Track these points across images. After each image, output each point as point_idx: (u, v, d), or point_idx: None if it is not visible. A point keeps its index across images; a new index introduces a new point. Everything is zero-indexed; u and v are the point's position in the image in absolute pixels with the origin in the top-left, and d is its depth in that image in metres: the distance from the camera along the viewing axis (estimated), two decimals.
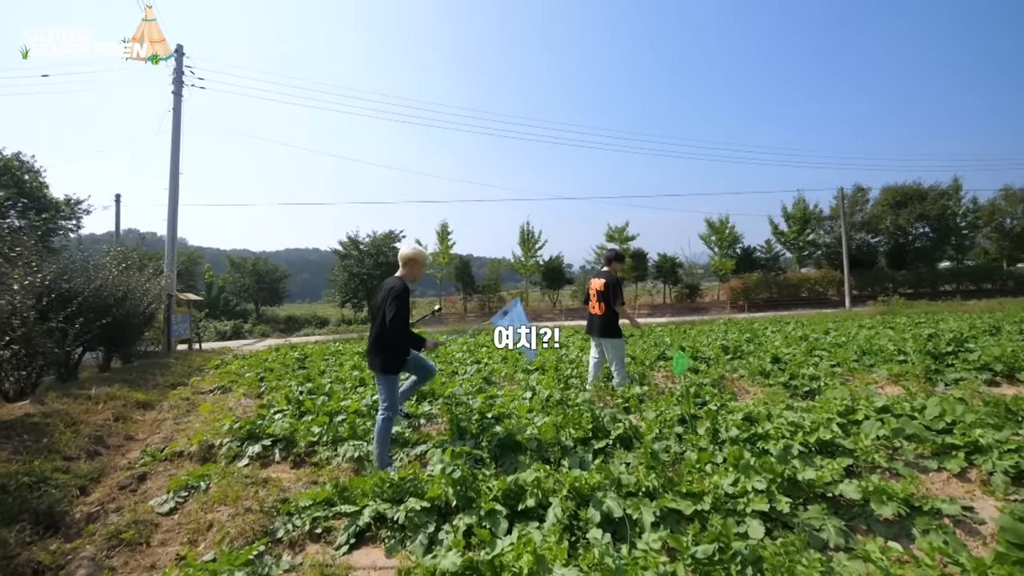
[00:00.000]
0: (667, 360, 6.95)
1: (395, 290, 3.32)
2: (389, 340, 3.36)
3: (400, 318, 3.27)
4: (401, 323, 3.29)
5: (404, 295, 3.33)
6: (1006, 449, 2.97)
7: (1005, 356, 5.81)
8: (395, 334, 3.30)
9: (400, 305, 3.28)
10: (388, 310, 3.26)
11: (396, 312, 3.25)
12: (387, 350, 3.41)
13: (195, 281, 25.99)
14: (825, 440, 3.18)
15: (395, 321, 3.25)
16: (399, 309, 3.27)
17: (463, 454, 2.99)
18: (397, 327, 3.27)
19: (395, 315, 3.24)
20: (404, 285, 3.40)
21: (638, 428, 3.62)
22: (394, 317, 3.24)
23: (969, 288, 27.38)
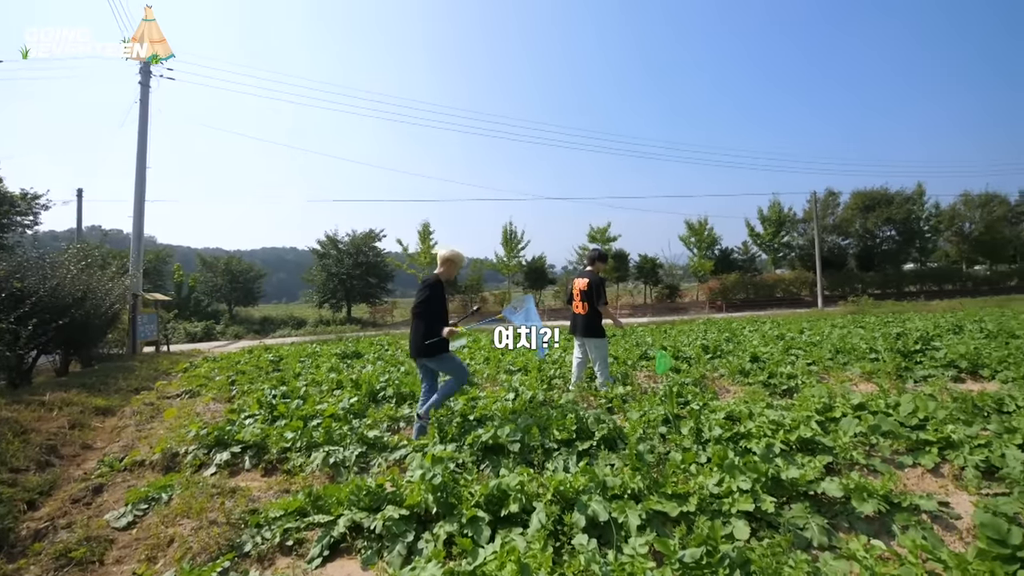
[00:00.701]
0: (649, 360, 6.97)
1: (428, 281, 3.82)
2: (427, 328, 3.74)
3: (427, 303, 3.72)
4: (430, 308, 3.74)
5: (435, 287, 3.78)
6: (976, 444, 3.03)
7: (969, 354, 6.01)
8: (427, 318, 3.73)
9: (428, 295, 3.73)
10: (419, 296, 3.76)
11: (424, 298, 3.72)
12: (427, 338, 3.75)
13: (164, 281, 25.02)
14: (805, 438, 3.20)
15: (423, 304, 3.72)
16: (428, 296, 3.73)
17: (444, 458, 2.89)
18: (425, 311, 3.73)
19: (424, 300, 3.72)
20: (437, 279, 3.86)
21: (622, 429, 3.58)
22: (422, 301, 3.72)
23: (932, 289, 28.51)
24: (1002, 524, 1.71)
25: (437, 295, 3.80)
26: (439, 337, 3.73)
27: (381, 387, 5.45)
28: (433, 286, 3.78)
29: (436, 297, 3.78)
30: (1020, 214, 32.00)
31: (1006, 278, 30.35)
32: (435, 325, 3.74)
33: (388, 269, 26.81)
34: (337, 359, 8.61)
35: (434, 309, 3.77)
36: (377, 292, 26.34)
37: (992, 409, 4.13)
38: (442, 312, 3.85)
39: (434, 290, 3.77)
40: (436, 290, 3.79)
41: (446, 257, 3.93)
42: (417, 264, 26.45)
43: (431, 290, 3.75)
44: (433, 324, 3.74)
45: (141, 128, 14.06)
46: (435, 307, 3.78)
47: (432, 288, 3.76)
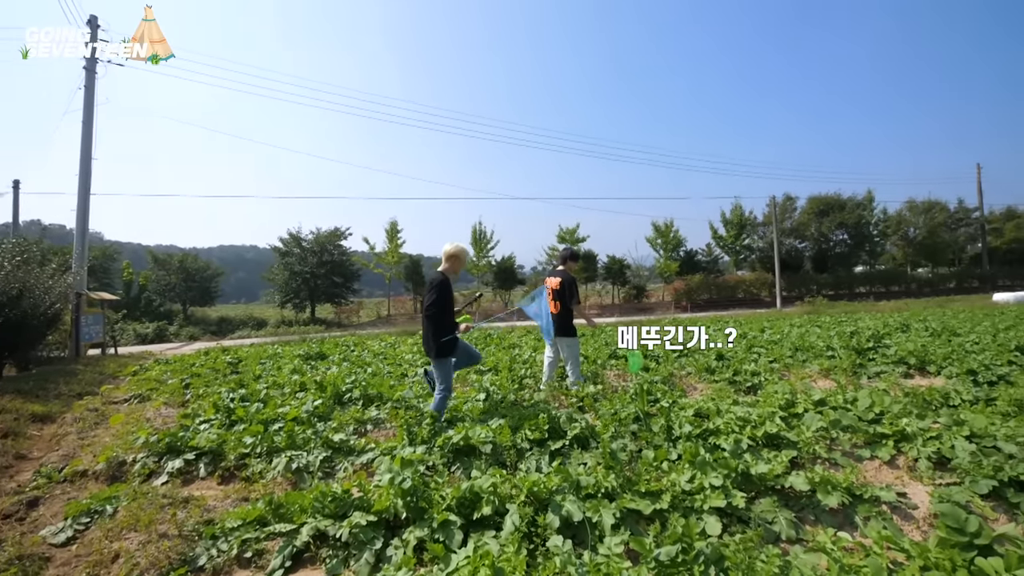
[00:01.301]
0: (618, 359, 7.03)
1: (434, 281, 3.80)
2: (436, 327, 3.72)
3: (439, 304, 3.71)
4: (439, 308, 3.71)
5: (443, 285, 3.76)
6: (928, 436, 3.18)
7: (917, 351, 6.36)
8: (435, 318, 3.70)
9: (439, 294, 3.72)
10: (427, 298, 3.75)
11: (435, 299, 3.71)
12: (437, 338, 3.74)
13: (112, 279, 23.54)
14: (771, 433, 3.28)
15: (434, 306, 3.70)
16: (438, 297, 3.72)
17: (413, 461, 2.79)
18: (436, 312, 3.70)
19: (434, 301, 3.70)
20: (444, 277, 3.82)
21: (594, 428, 3.58)
22: (432, 303, 3.70)
23: (880, 290, 30.22)
24: (960, 513, 1.79)
25: (447, 294, 3.81)
26: (453, 335, 3.78)
27: (347, 389, 5.27)
28: (441, 285, 3.77)
29: (446, 296, 3.79)
30: (958, 220, 34.40)
31: (946, 280, 32.52)
32: (448, 324, 3.78)
33: (354, 268, 26.16)
34: (300, 360, 8.30)
35: (446, 308, 3.79)
36: (343, 292, 25.66)
37: (940, 403, 4.37)
38: (451, 310, 3.87)
39: (443, 289, 3.77)
40: (445, 288, 3.79)
41: (451, 253, 3.91)
42: (385, 263, 25.96)
43: (440, 289, 3.75)
44: (446, 323, 3.77)
45: (86, 117, 13.19)
46: (447, 306, 3.81)
47: (441, 287, 3.76)
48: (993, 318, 12.00)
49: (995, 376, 5.21)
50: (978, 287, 30.80)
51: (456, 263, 3.94)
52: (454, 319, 3.86)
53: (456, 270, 3.97)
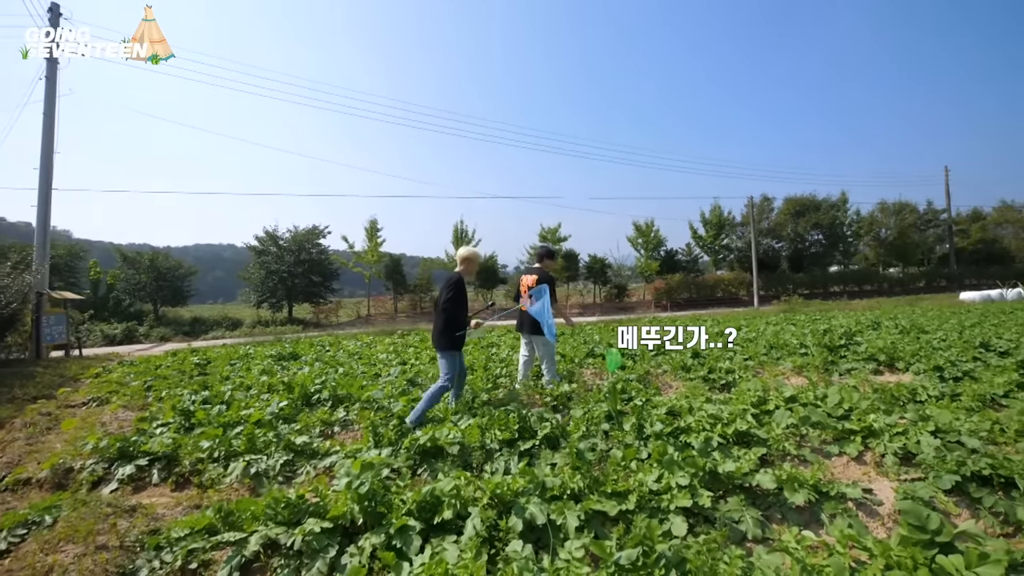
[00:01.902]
0: (595, 357, 7.00)
1: (452, 279, 4.03)
2: (447, 322, 3.93)
3: (454, 300, 3.95)
4: (455, 305, 3.95)
5: (459, 283, 4.03)
6: (895, 432, 3.20)
7: (886, 348, 6.48)
8: (450, 313, 3.93)
9: (456, 291, 3.97)
10: (445, 294, 3.99)
11: (451, 296, 3.94)
12: (448, 332, 3.95)
13: (78, 278, 22.64)
14: (742, 431, 3.26)
15: (451, 302, 3.94)
16: (455, 294, 3.96)
17: (374, 464, 2.68)
18: (452, 307, 3.93)
19: (450, 297, 3.94)
20: (460, 276, 4.07)
21: (565, 427, 3.51)
22: (449, 299, 3.94)
23: (853, 289, 31.01)
24: (922, 510, 1.77)
25: (463, 292, 4.07)
26: (464, 329, 4.01)
27: (316, 389, 5.11)
28: (458, 283, 4.03)
29: (462, 294, 4.05)
30: (927, 221, 35.54)
31: (916, 280, 33.54)
32: (462, 319, 4.00)
33: (333, 267, 25.71)
34: (272, 361, 8.07)
35: (460, 305, 4.04)
36: (321, 291, 25.18)
37: (907, 399, 4.43)
38: (465, 308, 4.11)
39: (459, 287, 4.03)
40: (460, 286, 4.05)
41: (465, 256, 4.19)
42: (364, 262, 25.55)
43: (457, 287, 4.00)
44: (460, 318, 3.99)
45: (47, 109, 12.64)
46: (462, 304, 4.05)
47: (457, 285, 4.01)
48: (960, 316, 12.36)
49: (960, 372, 5.32)
50: (946, 286, 31.86)
51: (470, 265, 4.22)
52: (467, 316, 4.10)
53: (470, 271, 4.23)
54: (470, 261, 4.23)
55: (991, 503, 2.30)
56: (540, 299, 4.61)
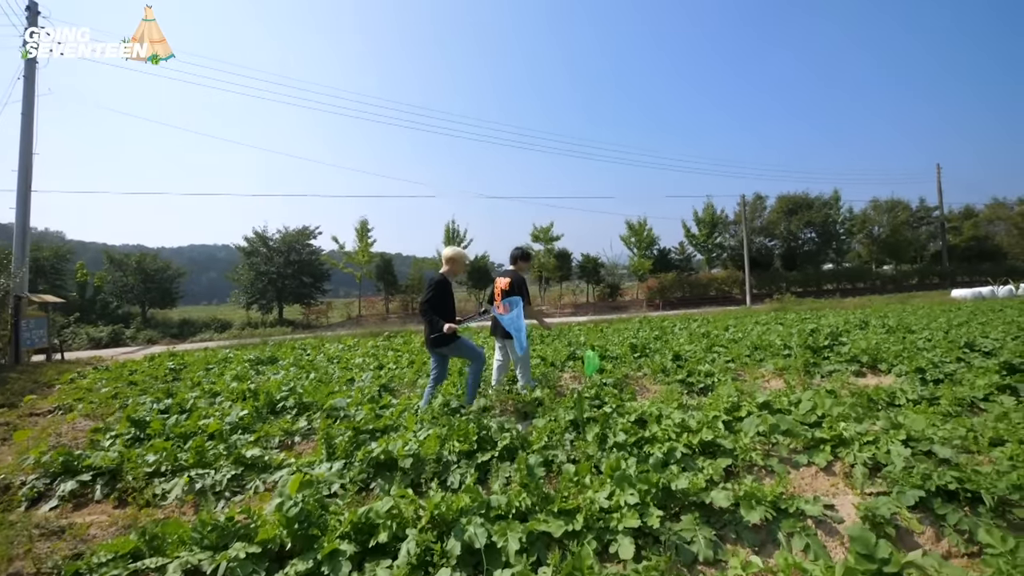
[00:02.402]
0: (577, 360, 6.88)
1: (432, 280, 4.09)
2: (429, 323, 4.02)
3: (432, 302, 4.01)
4: (431, 306, 4.00)
5: (440, 284, 4.06)
6: (865, 441, 3.08)
7: (869, 349, 6.38)
8: (427, 315, 3.99)
9: (435, 292, 4.02)
10: (424, 295, 4.04)
11: (429, 297, 4.00)
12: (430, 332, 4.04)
13: (64, 280, 22.36)
14: (707, 441, 3.13)
15: (427, 303, 4.00)
16: (433, 295, 4.01)
17: (315, 481, 2.55)
18: (428, 309, 3.99)
19: (428, 299, 4.00)
20: (443, 277, 4.12)
21: (527, 437, 3.38)
22: (426, 300, 4.00)
23: (846, 287, 31.02)
24: (870, 538, 1.65)
25: (442, 292, 4.09)
26: (441, 333, 3.96)
27: (283, 397, 4.97)
28: (439, 284, 4.06)
29: (441, 294, 4.08)
30: (920, 219, 35.59)
31: (908, 277, 33.58)
32: (439, 321, 3.99)
33: (324, 268, 25.50)
34: (248, 366, 7.91)
35: (439, 305, 4.05)
36: (312, 292, 24.97)
37: (885, 402, 4.33)
38: (448, 308, 4.14)
39: (439, 288, 4.06)
40: (441, 288, 4.08)
41: (449, 256, 4.23)
42: (355, 263, 25.35)
43: (437, 288, 4.04)
44: (437, 319, 4.00)
45: (26, 109, 12.43)
46: (440, 303, 4.07)
47: (438, 286, 4.05)
48: (949, 314, 12.30)
49: (942, 374, 5.22)
50: (938, 284, 31.90)
51: (455, 265, 4.24)
52: (451, 316, 4.12)
53: (455, 272, 4.27)
54: (455, 261, 4.25)
55: (955, 520, 2.19)
56: (514, 308, 4.48)
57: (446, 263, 4.27)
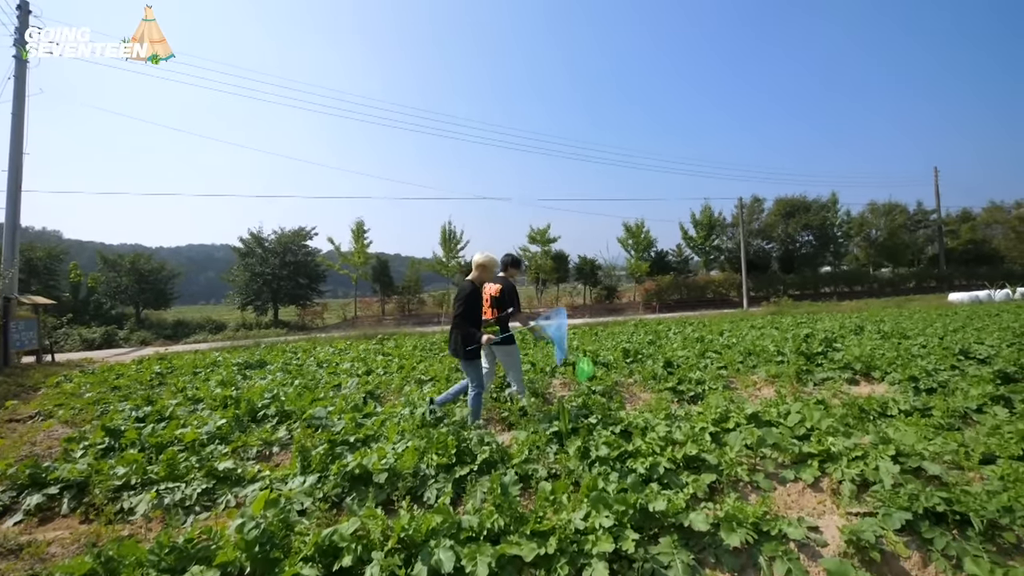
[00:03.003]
0: (568, 366, 6.79)
1: (463, 291, 4.00)
2: (463, 336, 3.91)
3: (464, 316, 3.93)
4: (464, 319, 3.93)
5: (471, 295, 3.99)
6: (853, 456, 3.00)
7: (863, 356, 6.30)
8: (462, 328, 3.91)
9: (466, 305, 3.95)
10: (456, 308, 3.99)
11: (462, 311, 3.93)
12: (463, 344, 3.91)
13: (58, 280, 22.20)
14: (692, 455, 3.05)
15: (460, 317, 3.93)
16: (465, 308, 3.94)
17: (280, 500, 2.45)
18: (462, 322, 3.92)
19: (460, 312, 3.93)
20: (473, 287, 4.04)
21: (507, 450, 3.30)
22: (459, 314, 3.93)
23: (844, 290, 30.97)
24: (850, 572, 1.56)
25: (474, 302, 4.03)
26: (478, 343, 3.91)
27: (264, 404, 4.87)
28: (469, 295, 3.97)
29: (472, 305, 4.01)
30: (917, 222, 35.59)
31: (906, 280, 33.56)
32: (474, 332, 3.93)
33: (320, 269, 25.38)
34: (236, 370, 7.81)
35: (470, 316, 3.98)
36: (307, 293, 24.85)
37: (877, 412, 4.25)
38: (477, 316, 4.07)
39: (471, 299, 3.98)
40: (473, 298, 4.00)
41: (479, 262, 4.09)
42: (351, 264, 25.23)
43: (467, 301, 3.95)
44: (472, 331, 3.93)
45: (16, 109, 12.30)
46: (472, 314, 4.00)
47: (468, 298, 3.96)
48: (945, 319, 12.24)
49: (935, 383, 5.14)
50: (936, 287, 31.89)
51: (484, 272, 4.10)
52: (478, 328, 4.03)
53: (485, 278, 4.14)
54: (484, 268, 4.09)
55: (943, 545, 2.10)
56: (558, 318, 4.40)
57: (476, 269, 4.12)
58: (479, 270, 4.11)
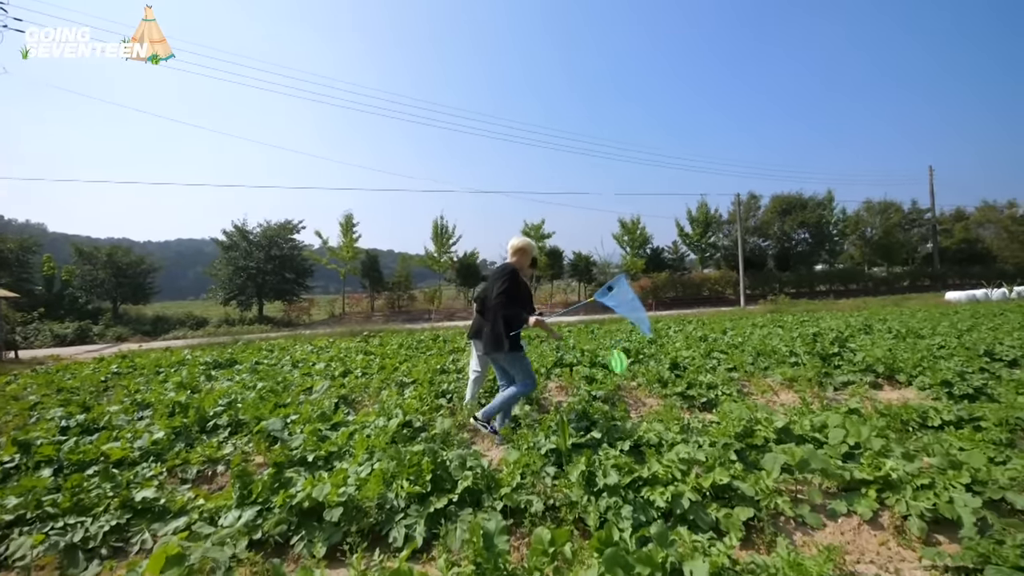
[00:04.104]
0: (564, 367, 6.21)
1: (505, 269, 3.53)
2: (505, 320, 3.40)
3: (509, 293, 3.43)
4: (508, 296, 3.42)
5: (514, 274, 3.51)
6: (919, 484, 2.45)
7: (885, 357, 5.79)
8: (499, 306, 3.40)
9: (511, 282, 3.45)
10: (497, 287, 3.44)
11: (506, 287, 3.42)
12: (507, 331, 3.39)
13: (31, 273, 21.24)
14: (721, 484, 2.48)
15: (506, 295, 3.41)
16: (509, 285, 3.43)
17: (184, 557, 1.84)
18: (503, 299, 3.40)
19: (505, 290, 3.41)
20: (514, 267, 3.55)
21: (495, 474, 2.71)
22: (503, 291, 3.41)
23: (839, 288, 30.71)
24: None
25: (517, 284, 3.53)
26: (520, 328, 3.42)
27: (218, 412, 4.24)
28: (512, 273, 3.51)
29: (518, 285, 3.53)
30: (912, 221, 35.44)
31: (900, 279, 33.40)
32: (520, 312, 3.43)
33: (307, 264, 24.57)
34: (203, 369, 7.15)
35: (518, 297, 3.51)
36: (294, 288, 24.04)
37: (916, 423, 3.73)
38: (527, 300, 3.61)
39: (514, 277, 3.50)
40: (515, 277, 3.53)
41: (518, 247, 3.65)
42: (339, 258, 24.47)
43: (512, 278, 3.47)
44: (518, 312, 3.42)
45: None
46: (520, 295, 3.52)
47: (512, 275, 3.49)
48: (950, 317, 11.85)
49: (971, 388, 4.63)
50: (929, 285, 31.75)
51: (524, 256, 3.66)
52: (523, 311, 3.49)
53: (523, 264, 3.69)
54: (524, 252, 3.65)
55: None
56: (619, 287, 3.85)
57: (514, 254, 3.65)
58: (519, 255, 3.65)
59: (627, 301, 3.87)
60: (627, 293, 3.89)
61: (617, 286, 3.95)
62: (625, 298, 3.88)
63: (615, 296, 3.92)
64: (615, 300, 3.90)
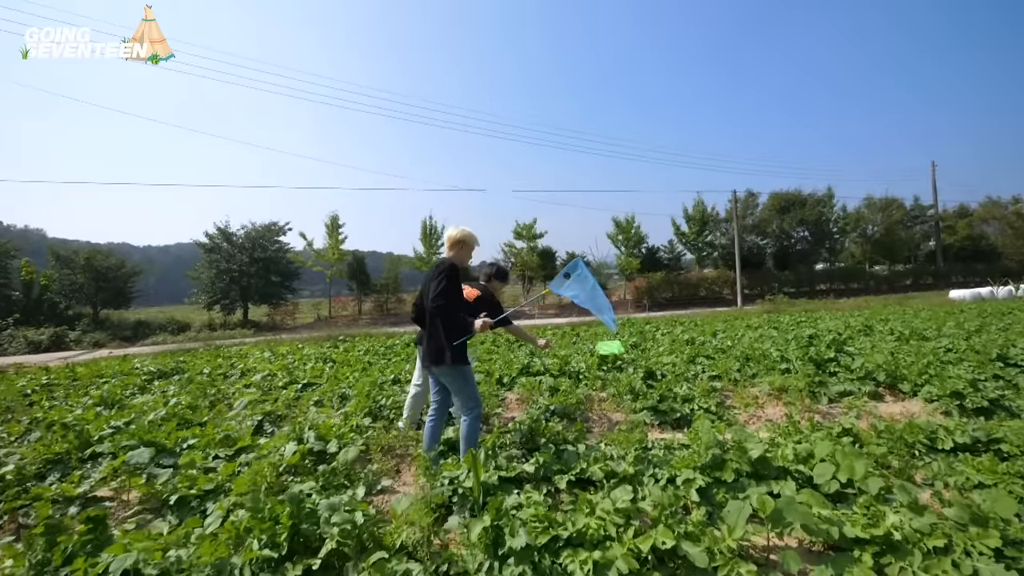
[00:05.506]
0: (530, 376, 5.60)
1: (441, 265, 2.93)
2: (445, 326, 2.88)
3: (447, 293, 2.82)
4: (450, 298, 2.83)
5: (452, 270, 2.91)
6: (931, 547, 1.84)
7: (887, 364, 5.16)
8: (446, 313, 2.83)
9: (449, 281, 2.85)
10: (433, 287, 2.83)
11: (443, 287, 2.81)
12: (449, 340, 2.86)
13: (10, 278, 20.68)
14: (665, 549, 1.86)
15: (443, 296, 2.79)
16: (447, 284, 2.83)
17: None
18: (442, 302, 2.79)
19: (441, 291, 2.80)
20: (452, 262, 2.98)
21: (376, 528, 2.09)
22: (440, 292, 2.79)
23: (840, 287, 29.99)
24: None
25: (456, 281, 2.97)
26: (467, 335, 2.86)
27: (107, 434, 3.64)
28: (450, 269, 2.92)
29: (456, 284, 2.97)
30: (914, 218, 34.73)
31: (902, 277, 32.68)
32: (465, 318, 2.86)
33: (293, 266, 23.97)
34: (144, 381, 6.55)
35: (458, 299, 2.97)
36: (280, 292, 23.44)
37: (924, 447, 3.12)
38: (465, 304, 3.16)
39: (452, 275, 2.91)
40: (454, 274, 2.95)
41: (457, 238, 3.14)
42: (325, 261, 23.86)
43: (450, 275, 2.87)
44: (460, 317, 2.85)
45: None
46: (458, 297, 3.00)
47: (450, 272, 2.89)
48: (956, 317, 11.21)
49: (986, 400, 4.01)
50: (932, 284, 31.03)
51: (464, 250, 3.18)
52: (468, 314, 2.93)
53: (464, 259, 3.21)
54: (464, 244, 3.16)
55: None
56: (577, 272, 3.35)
57: (452, 247, 3.17)
58: (457, 247, 3.15)
59: (587, 290, 3.28)
60: (587, 280, 3.31)
61: (575, 272, 3.36)
62: (585, 286, 3.30)
63: (574, 284, 3.34)
64: (573, 290, 3.32)
